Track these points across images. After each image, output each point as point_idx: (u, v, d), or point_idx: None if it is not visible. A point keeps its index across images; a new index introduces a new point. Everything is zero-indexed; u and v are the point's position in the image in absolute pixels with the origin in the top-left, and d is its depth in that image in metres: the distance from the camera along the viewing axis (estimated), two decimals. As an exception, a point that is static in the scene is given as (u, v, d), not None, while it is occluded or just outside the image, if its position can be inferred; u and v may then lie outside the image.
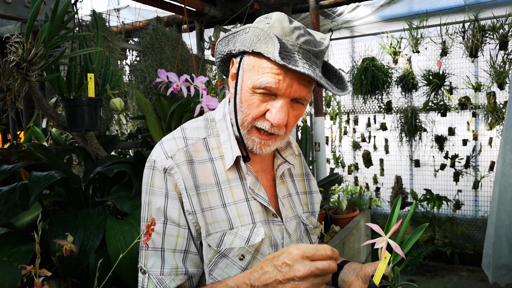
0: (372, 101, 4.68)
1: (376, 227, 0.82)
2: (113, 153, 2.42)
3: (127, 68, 2.56)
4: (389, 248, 0.77)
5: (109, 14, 2.42)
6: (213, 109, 2.07)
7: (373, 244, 0.78)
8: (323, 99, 4.67)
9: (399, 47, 4.35)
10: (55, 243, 1.17)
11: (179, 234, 0.90)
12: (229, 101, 1.03)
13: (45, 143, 2.21)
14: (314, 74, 0.84)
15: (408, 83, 4.30)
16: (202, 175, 0.94)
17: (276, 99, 0.89)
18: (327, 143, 4.94)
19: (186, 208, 0.90)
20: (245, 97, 0.91)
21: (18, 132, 2.68)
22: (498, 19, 3.78)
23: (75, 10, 1.55)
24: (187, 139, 0.97)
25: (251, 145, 0.94)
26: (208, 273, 0.91)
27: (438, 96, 4.23)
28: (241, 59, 0.93)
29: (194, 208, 0.90)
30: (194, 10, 3.21)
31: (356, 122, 4.92)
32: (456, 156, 4.32)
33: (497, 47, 3.83)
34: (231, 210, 0.94)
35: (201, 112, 2.07)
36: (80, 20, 1.92)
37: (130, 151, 2.80)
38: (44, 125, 2.45)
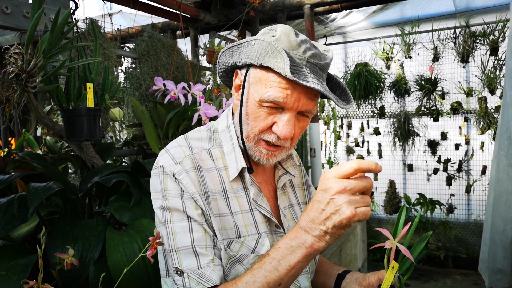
0: (366, 106, 4.72)
1: (385, 232, 0.83)
2: (108, 161, 2.40)
3: (122, 75, 2.55)
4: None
5: (104, 21, 2.41)
6: (211, 117, 2.07)
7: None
8: (318, 104, 4.70)
9: (392, 53, 4.39)
10: (54, 254, 1.15)
11: (206, 230, 0.89)
12: (232, 112, 1.03)
13: (39, 151, 2.18)
14: (323, 89, 0.84)
15: (400, 88, 4.35)
16: (210, 181, 0.93)
17: (283, 112, 0.89)
18: (321, 148, 4.95)
19: (203, 209, 0.89)
20: (251, 109, 0.91)
21: (10, 139, 2.65)
22: (488, 25, 3.85)
23: (73, 19, 1.54)
24: (192, 148, 0.96)
25: (258, 156, 0.94)
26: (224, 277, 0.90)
27: (431, 101, 4.28)
28: (247, 71, 0.92)
29: (207, 211, 0.90)
30: (189, 16, 3.20)
31: (349, 127, 4.95)
32: (448, 160, 4.37)
33: (488, 52, 3.89)
34: (238, 219, 0.93)
35: (199, 120, 2.06)
36: (80, 30, 1.90)
37: (125, 158, 2.77)
38: (38, 133, 2.43)
